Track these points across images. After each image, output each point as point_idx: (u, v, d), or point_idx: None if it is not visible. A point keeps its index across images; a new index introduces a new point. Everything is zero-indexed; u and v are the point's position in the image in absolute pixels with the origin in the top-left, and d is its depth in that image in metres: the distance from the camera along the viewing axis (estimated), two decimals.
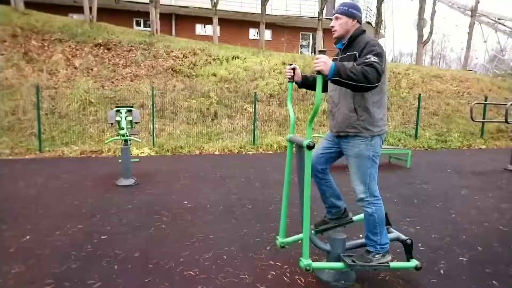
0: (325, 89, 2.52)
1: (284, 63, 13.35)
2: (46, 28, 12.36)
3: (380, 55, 2.10)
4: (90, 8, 14.55)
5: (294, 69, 2.39)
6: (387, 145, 8.95)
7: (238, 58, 13.45)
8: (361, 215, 2.78)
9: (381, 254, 2.29)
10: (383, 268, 2.32)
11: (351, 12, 2.29)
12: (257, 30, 18.43)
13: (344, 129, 2.29)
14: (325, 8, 16.87)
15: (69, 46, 11.81)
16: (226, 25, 20.24)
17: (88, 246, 2.81)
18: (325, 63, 1.94)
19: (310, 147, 2.09)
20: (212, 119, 9.96)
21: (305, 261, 2.12)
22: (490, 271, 2.53)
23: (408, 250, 2.44)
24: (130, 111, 5.05)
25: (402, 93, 12.34)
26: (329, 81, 2.06)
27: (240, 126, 9.79)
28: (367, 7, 23.10)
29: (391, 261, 2.33)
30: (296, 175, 2.37)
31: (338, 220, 2.61)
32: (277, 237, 2.58)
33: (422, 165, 6.87)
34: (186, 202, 4.05)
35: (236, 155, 7.82)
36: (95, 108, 9.30)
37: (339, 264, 2.29)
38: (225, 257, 2.66)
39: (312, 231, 2.52)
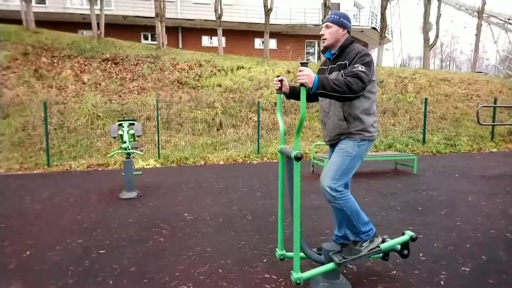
0: (315, 98, 2.54)
1: (289, 72, 13.41)
2: (56, 45, 12.74)
3: (368, 64, 2.14)
4: (98, 24, 14.96)
5: (281, 80, 2.41)
6: (394, 150, 8.84)
7: (243, 68, 13.57)
8: (390, 242, 2.54)
9: (368, 241, 2.27)
10: (375, 253, 2.28)
11: (342, 22, 2.31)
12: (262, 39, 18.58)
13: (334, 136, 2.34)
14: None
15: (78, 62, 12.13)
16: (232, 35, 20.50)
17: (86, 261, 2.83)
18: (308, 76, 1.96)
19: (298, 158, 2.09)
20: (218, 129, 10.02)
21: (295, 275, 2.09)
22: (493, 282, 2.45)
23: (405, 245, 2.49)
24: (132, 124, 5.12)
25: (409, 97, 12.20)
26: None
27: (245, 135, 9.82)
28: (372, 12, 23.10)
29: (382, 242, 2.32)
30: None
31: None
32: (276, 249, 2.57)
33: (429, 170, 6.73)
34: (186, 214, 4.06)
35: (240, 165, 7.83)
36: (102, 122, 9.48)
37: (330, 265, 2.24)
38: (220, 271, 2.64)
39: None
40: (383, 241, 2.45)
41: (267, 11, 15.91)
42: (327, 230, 3.48)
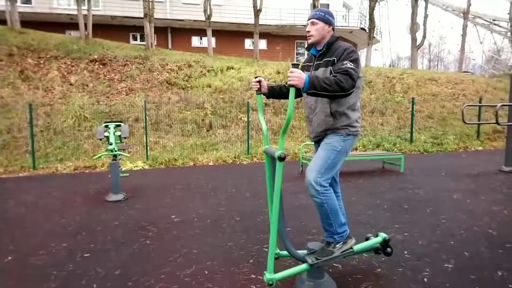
0: (299, 95, 2.54)
1: (278, 72, 13.44)
2: (42, 46, 12.54)
3: (356, 61, 2.17)
4: (86, 25, 14.77)
5: (259, 81, 2.41)
6: (382, 150, 8.93)
7: (232, 68, 13.56)
8: (363, 244, 2.61)
9: (341, 243, 2.27)
10: (347, 255, 2.28)
11: (327, 18, 2.33)
12: (252, 40, 18.59)
13: (320, 133, 2.35)
14: None
15: (65, 63, 11.96)
16: (222, 36, 20.47)
17: (70, 265, 2.79)
18: (299, 77, 1.96)
19: (281, 159, 2.09)
20: (207, 130, 9.99)
21: (268, 275, 2.08)
22: (475, 278, 2.49)
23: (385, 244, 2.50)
24: (118, 126, 5.07)
25: (397, 97, 12.35)
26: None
27: (235, 135, 9.81)
28: (361, 13, 23.33)
29: (355, 244, 2.32)
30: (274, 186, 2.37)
31: None
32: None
33: (416, 169, 6.83)
34: (173, 216, 4.03)
35: (230, 165, 7.81)
36: (90, 123, 9.36)
37: (303, 266, 2.24)
38: (207, 272, 2.63)
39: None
40: (367, 239, 2.49)
41: (257, 12, 15.92)
42: (314, 230, 3.49)
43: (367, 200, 4.67)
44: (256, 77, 2.43)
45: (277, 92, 2.56)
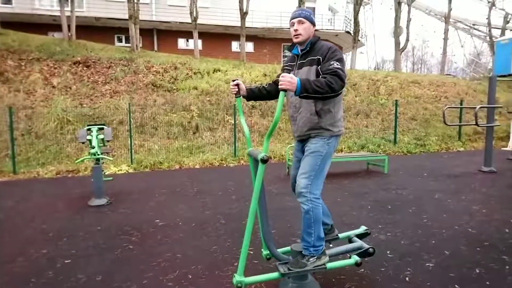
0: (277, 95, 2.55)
1: (265, 75, 13.48)
2: (23, 47, 12.25)
3: (341, 60, 2.21)
4: (69, 26, 14.51)
5: (237, 84, 2.42)
6: (367, 151, 9.06)
7: (219, 71, 13.53)
8: (348, 233, 2.83)
9: (315, 257, 2.27)
10: (319, 270, 2.29)
11: (312, 19, 2.37)
12: (239, 42, 18.61)
13: (305, 132, 2.35)
14: None
15: (47, 65, 11.71)
16: (208, 38, 20.41)
17: (49, 272, 2.72)
18: (290, 82, 1.97)
19: (264, 161, 2.09)
20: (194, 133, 9.93)
21: (238, 277, 2.08)
22: (454, 275, 2.55)
23: (362, 254, 2.50)
24: (101, 129, 4.99)
25: (381, 99, 12.56)
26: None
27: (222, 138, 9.78)
28: (346, 16, 23.66)
29: (328, 262, 2.32)
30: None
31: (325, 237, 2.58)
32: (262, 250, 2.58)
33: (400, 170, 6.95)
34: (158, 220, 3.99)
35: (216, 168, 7.78)
36: (73, 126, 9.17)
37: (274, 274, 2.25)
38: (190, 276, 2.61)
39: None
40: (368, 252, 2.52)
41: (243, 14, 15.96)
42: (299, 231, 3.50)
43: (352, 201, 4.73)
44: (233, 80, 2.43)
45: (257, 94, 2.56)
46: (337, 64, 2.13)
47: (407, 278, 2.53)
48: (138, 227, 3.76)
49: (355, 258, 2.40)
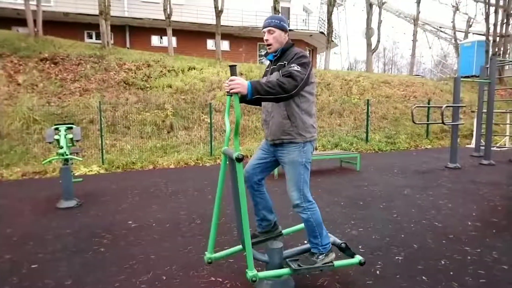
0: (259, 103, 2.56)
1: (241, 74, 13.46)
2: None
3: (304, 65, 2.20)
4: (35, 21, 13.82)
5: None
6: (340, 149, 9.27)
7: (194, 69, 13.37)
8: (292, 228, 2.91)
9: (324, 254, 2.38)
10: (328, 268, 2.38)
11: (283, 26, 2.35)
12: (214, 40, 18.47)
13: (279, 136, 2.36)
14: None
15: (11, 62, 11.11)
16: (183, 36, 20.11)
17: (14, 278, 2.60)
18: (240, 84, 1.98)
19: (240, 159, 2.10)
20: (168, 132, 9.76)
21: (250, 273, 2.12)
22: (422, 267, 2.66)
23: (347, 253, 2.55)
24: (70, 128, 4.80)
25: (354, 99, 12.88)
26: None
27: (197, 137, 9.68)
28: (320, 17, 24.05)
29: (335, 259, 2.42)
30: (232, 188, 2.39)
31: (267, 234, 2.63)
32: (206, 252, 2.49)
33: (371, 167, 7.17)
34: (130, 222, 3.89)
35: (192, 168, 7.69)
36: (40, 126, 8.77)
37: (285, 270, 2.32)
38: (164, 278, 2.57)
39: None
40: (341, 247, 2.59)
41: (218, 13, 15.85)
42: None
43: (326, 197, 4.83)
44: (231, 71, 2.43)
45: (248, 98, 2.55)
46: (296, 67, 2.14)
47: (378, 272, 2.61)
48: (109, 229, 3.66)
49: (358, 258, 2.48)
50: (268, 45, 2.35)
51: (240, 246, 2.56)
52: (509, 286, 2.39)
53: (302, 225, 2.98)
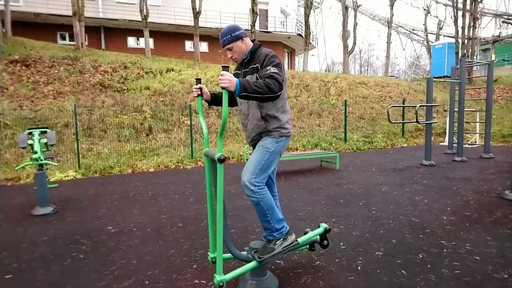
0: (236, 103, 2.61)
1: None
2: None
3: (278, 65, 2.27)
4: (3, 22, 13.26)
5: (200, 88, 2.44)
6: (320, 149, 9.42)
7: (173, 70, 13.22)
8: (305, 236, 2.71)
9: (281, 239, 2.37)
10: (294, 247, 2.41)
11: (236, 36, 2.36)
12: (193, 42, 18.33)
13: (254, 137, 2.44)
14: (257, 20, 17.39)
15: None
16: (160, 37, 19.85)
17: None
18: (229, 80, 2.00)
19: (221, 161, 2.11)
20: (147, 135, 9.59)
21: (218, 277, 2.11)
22: (401, 262, 2.75)
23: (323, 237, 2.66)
24: (44, 132, 4.63)
25: (332, 100, 13.12)
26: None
27: (177, 139, 9.56)
28: (297, 19, 24.35)
29: (296, 239, 2.44)
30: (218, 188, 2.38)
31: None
32: (208, 252, 2.56)
33: (350, 166, 7.32)
34: (110, 227, 3.80)
35: (172, 171, 7.60)
36: (11, 131, 8.41)
37: (251, 264, 2.31)
38: (147, 282, 2.53)
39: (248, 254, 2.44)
40: (305, 233, 2.61)
41: (196, 14, 15.75)
42: (258, 229, 3.56)
43: (307, 196, 4.89)
44: (197, 80, 2.44)
45: (220, 99, 2.59)
46: (274, 69, 2.21)
47: (359, 268, 2.68)
48: (88, 235, 3.56)
49: (324, 226, 2.52)
50: (233, 59, 2.42)
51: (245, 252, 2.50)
52: (481, 275, 2.50)
53: (317, 231, 2.79)
